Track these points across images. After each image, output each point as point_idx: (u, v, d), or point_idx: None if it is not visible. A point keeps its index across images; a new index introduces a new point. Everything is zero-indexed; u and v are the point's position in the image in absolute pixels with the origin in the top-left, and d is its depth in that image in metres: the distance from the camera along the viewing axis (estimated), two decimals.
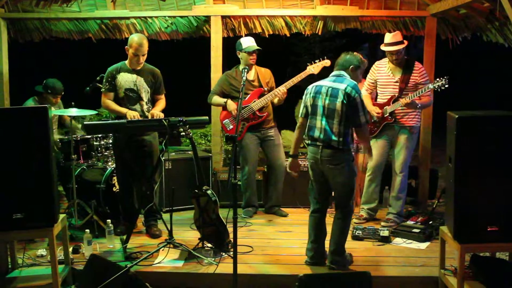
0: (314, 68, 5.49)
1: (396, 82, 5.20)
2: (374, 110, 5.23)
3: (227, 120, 5.57)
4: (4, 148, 3.55)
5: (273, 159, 5.64)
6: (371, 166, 5.32)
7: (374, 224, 5.27)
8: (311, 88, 4.17)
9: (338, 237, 4.17)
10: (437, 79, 5.04)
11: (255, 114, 5.50)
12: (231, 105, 5.47)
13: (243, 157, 5.61)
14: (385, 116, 5.20)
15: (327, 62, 5.49)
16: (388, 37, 5.17)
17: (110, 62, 4.99)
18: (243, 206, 5.75)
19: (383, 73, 5.29)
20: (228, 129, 5.56)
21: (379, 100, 5.34)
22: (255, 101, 5.47)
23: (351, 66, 4.12)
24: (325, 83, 4.10)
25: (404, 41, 5.19)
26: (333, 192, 4.22)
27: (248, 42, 5.45)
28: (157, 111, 4.82)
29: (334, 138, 3.98)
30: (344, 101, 3.93)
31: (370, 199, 5.43)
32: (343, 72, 4.11)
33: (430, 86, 5.03)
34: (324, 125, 4.03)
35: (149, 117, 4.78)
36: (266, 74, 5.66)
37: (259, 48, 5.44)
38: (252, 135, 5.57)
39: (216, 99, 5.60)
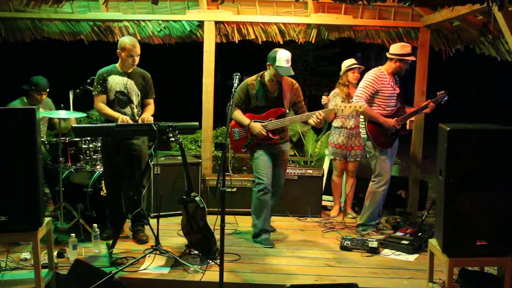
0: (344, 108, 4.68)
1: (396, 93, 5.15)
2: (394, 123, 5.04)
3: (237, 129, 5.02)
4: None
5: (275, 177, 5.02)
6: (388, 178, 5.15)
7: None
8: None
9: None
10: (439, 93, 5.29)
11: (267, 133, 4.89)
12: (255, 128, 4.83)
13: (256, 171, 4.95)
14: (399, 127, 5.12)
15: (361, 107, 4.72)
16: (407, 48, 5.06)
17: (102, 64, 4.92)
18: (256, 232, 5.02)
19: (387, 84, 5.08)
20: (234, 138, 5.02)
21: (382, 112, 5.08)
22: (271, 120, 4.89)
23: None
24: None
25: None
26: None
27: (283, 62, 4.69)
28: (148, 116, 4.77)
29: None
30: None
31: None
32: None
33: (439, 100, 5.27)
34: None
35: (140, 122, 4.73)
36: (292, 87, 4.98)
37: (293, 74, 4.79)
38: (264, 146, 4.97)
39: (237, 115, 4.94)
